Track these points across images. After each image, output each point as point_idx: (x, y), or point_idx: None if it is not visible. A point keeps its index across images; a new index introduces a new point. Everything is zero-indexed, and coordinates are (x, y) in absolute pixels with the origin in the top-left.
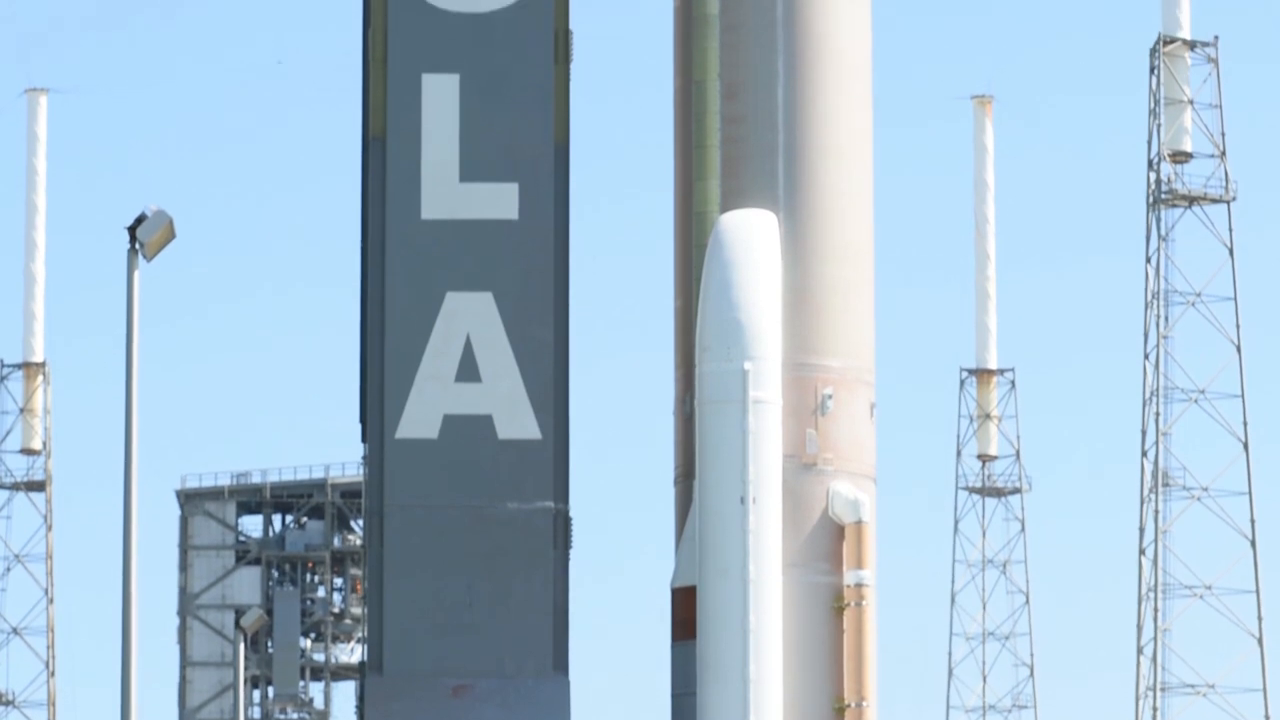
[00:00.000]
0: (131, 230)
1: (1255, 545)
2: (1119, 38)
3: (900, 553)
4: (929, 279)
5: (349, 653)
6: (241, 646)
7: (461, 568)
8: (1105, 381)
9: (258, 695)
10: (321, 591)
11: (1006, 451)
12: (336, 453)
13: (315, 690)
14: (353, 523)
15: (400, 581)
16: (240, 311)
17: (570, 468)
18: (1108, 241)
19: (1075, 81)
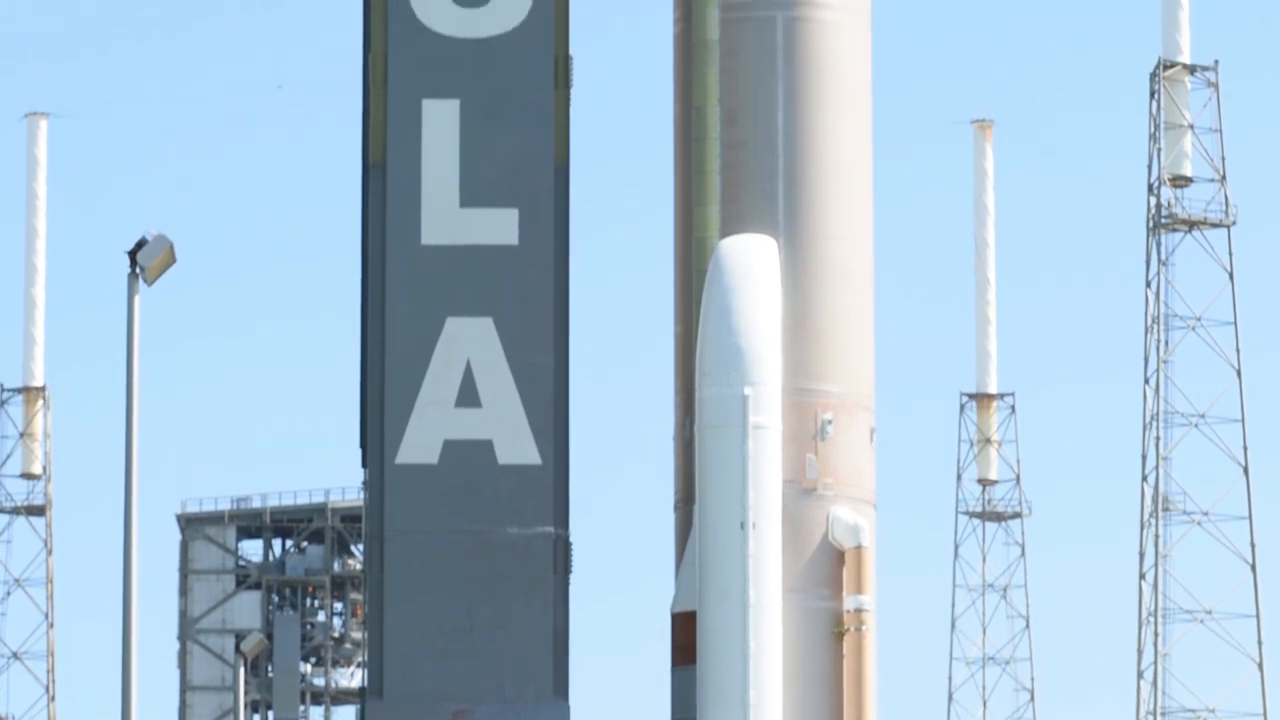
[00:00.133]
0: (132, 254)
1: (1255, 570)
2: (1119, 62)
3: (901, 578)
4: (929, 303)
5: (349, 677)
6: (241, 671)
7: (462, 592)
8: (1105, 406)
9: (258, 719)
10: (322, 616)
11: (1007, 476)
12: (336, 477)
13: (315, 715)
14: (353, 547)
15: (400, 606)
16: (241, 336)
17: (570, 493)
18: (1108, 266)
19: (1075, 106)
